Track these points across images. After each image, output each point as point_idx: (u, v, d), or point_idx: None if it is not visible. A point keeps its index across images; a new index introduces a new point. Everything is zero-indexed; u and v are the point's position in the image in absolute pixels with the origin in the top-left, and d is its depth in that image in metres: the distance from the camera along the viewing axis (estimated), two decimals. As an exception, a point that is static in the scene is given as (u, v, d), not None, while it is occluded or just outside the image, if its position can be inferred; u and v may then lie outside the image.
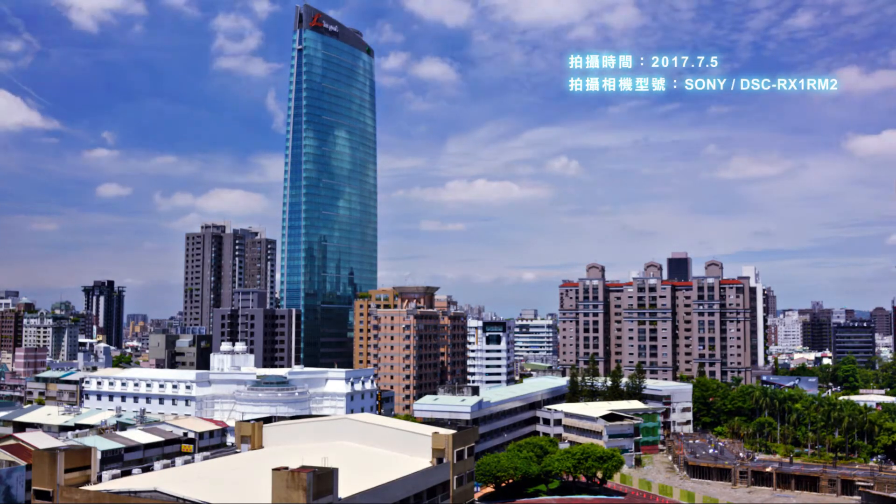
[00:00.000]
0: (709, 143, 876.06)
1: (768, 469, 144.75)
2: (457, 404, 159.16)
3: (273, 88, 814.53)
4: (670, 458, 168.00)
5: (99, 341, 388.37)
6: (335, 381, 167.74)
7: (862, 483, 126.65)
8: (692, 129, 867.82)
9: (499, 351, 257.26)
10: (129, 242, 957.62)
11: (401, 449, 78.63)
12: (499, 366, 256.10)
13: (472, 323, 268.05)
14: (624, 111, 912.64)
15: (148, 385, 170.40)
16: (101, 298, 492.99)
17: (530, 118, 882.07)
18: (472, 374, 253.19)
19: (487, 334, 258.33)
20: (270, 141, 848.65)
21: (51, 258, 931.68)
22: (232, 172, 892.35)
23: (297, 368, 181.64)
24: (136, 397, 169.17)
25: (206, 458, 79.63)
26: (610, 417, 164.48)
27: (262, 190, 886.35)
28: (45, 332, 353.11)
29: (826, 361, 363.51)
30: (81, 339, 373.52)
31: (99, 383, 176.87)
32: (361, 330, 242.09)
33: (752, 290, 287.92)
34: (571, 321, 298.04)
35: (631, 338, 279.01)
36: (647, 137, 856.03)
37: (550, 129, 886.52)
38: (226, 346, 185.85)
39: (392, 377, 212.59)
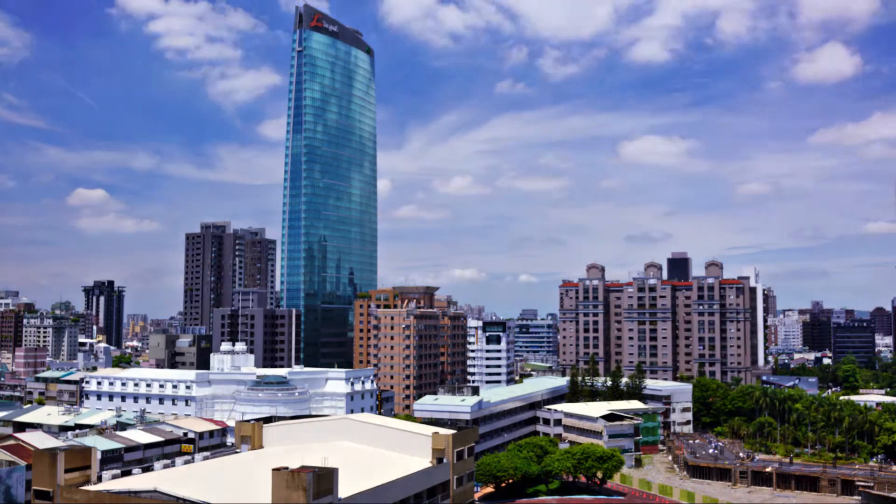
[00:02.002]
0: (708, 138, 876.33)
1: (768, 469, 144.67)
2: (457, 404, 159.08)
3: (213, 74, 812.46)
4: (670, 458, 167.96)
5: (99, 341, 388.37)
6: (335, 382, 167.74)
7: (862, 483, 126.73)
8: (691, 120, 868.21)
9: (499, 351, 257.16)
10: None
11: (401, 449, 78.62)
12: (499, 366, 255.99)
13: (472, 323, 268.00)
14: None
15: (148, 385, 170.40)
16: (101, 298, 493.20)
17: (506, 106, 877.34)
18: (472, 374, 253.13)
19: (487, 334, 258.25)
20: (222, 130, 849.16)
21: (47, 256, 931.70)
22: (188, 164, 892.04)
23: (297, 368, 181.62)
24: (136, 397, 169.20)
25: (206, 458, 79.58)
26: (610, 417, 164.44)
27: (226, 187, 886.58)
28: (45, 332, 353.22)
29: (826, 361, 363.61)
30: (81, 339, 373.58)
31: (99, 383, 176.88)
32: (361, 330, 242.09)
33: (752, 290, 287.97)
34: (571, 321, 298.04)
35: (631, 338, 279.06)
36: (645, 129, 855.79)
37: (539, 115, 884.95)
38: (226, 346, 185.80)
39: (392, 377, 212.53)
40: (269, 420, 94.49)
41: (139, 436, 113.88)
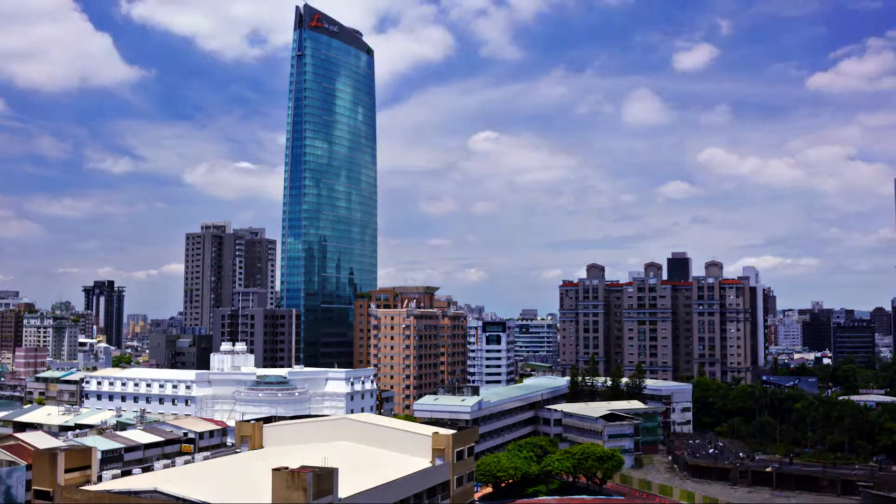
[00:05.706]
0: (708, 134, 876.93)
1: (768, 469, 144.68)
2: (457, 404, 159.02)
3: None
4: (670, 458, 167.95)
5: (99, 341, 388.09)
6: (335, 382, 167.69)
7: (862, 483, 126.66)
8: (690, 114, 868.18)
9: (499, 351, 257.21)
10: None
11: (401, 449, 78.63)
12: (499, 366, 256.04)
13: (472, 323, 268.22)
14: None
15: (148, 385, 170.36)
16: (101, 298, 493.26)
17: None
18: (472, 374, 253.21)
19: (487, 334, 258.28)
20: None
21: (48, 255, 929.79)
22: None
23: (297, 368, 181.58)
24: (136, 397, 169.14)
25: (206, 458, 79.64)
26: (610, 417, 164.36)
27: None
28: (45, 332, 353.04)
29: (826, 361, 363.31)
30: (81, 339, 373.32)
31: (99, 383, 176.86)
32: (361, 330, 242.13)
33: (752, 290, 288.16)
34: (571, 321, 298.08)
35: (631, 338, 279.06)
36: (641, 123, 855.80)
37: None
38: (226, 346, 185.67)
39: (392, 377, 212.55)
40: (269, 420, 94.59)
41: (139, 436, 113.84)
